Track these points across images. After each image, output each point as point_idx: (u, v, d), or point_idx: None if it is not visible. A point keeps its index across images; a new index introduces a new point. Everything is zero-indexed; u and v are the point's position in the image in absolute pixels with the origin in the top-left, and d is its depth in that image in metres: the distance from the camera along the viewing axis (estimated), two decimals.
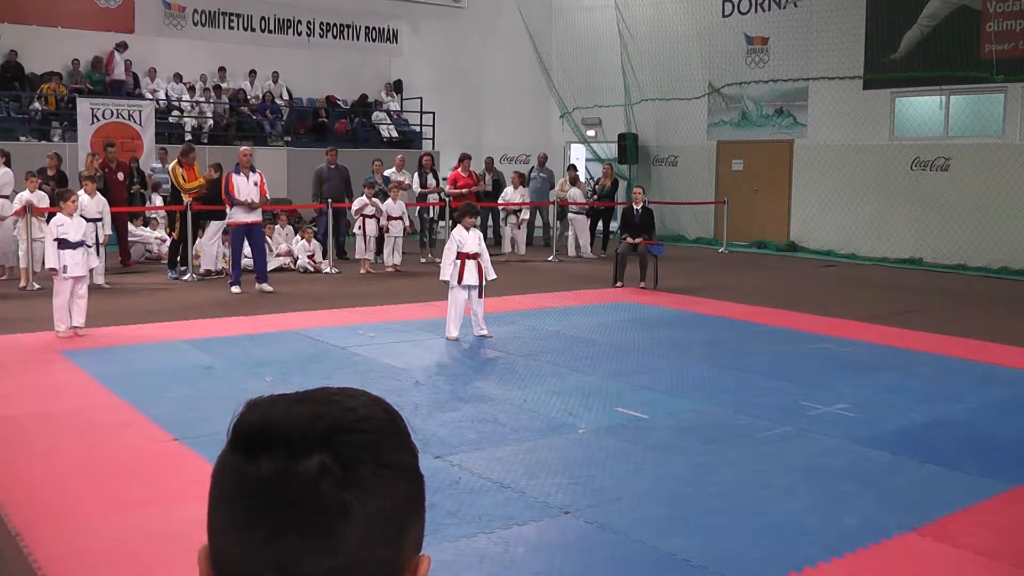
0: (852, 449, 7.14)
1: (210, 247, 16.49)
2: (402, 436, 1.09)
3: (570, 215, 21.62)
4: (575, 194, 21.59)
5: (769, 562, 5.12)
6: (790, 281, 17.17)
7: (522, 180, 21.96)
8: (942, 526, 5.66)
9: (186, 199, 15.84)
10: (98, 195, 14.72)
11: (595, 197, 22.07)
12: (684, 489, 6.26)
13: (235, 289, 14.59)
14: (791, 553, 5.23)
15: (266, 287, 14.76)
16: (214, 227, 16.34)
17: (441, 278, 11.46)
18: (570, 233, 21.44)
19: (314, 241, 18.15)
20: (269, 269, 17.29)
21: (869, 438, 7.40)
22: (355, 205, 17.84)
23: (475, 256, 11.18)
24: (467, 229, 11.25)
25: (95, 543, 5.28)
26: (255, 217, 14.82)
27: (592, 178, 23.91)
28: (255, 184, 14.78)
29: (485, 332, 11.33)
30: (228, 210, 14.78)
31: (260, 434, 1.03)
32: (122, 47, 23.27)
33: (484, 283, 11.27)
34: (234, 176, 14.66)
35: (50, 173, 16.51)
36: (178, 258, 16.40)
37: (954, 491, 6.28)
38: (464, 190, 19.65)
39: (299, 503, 1.00)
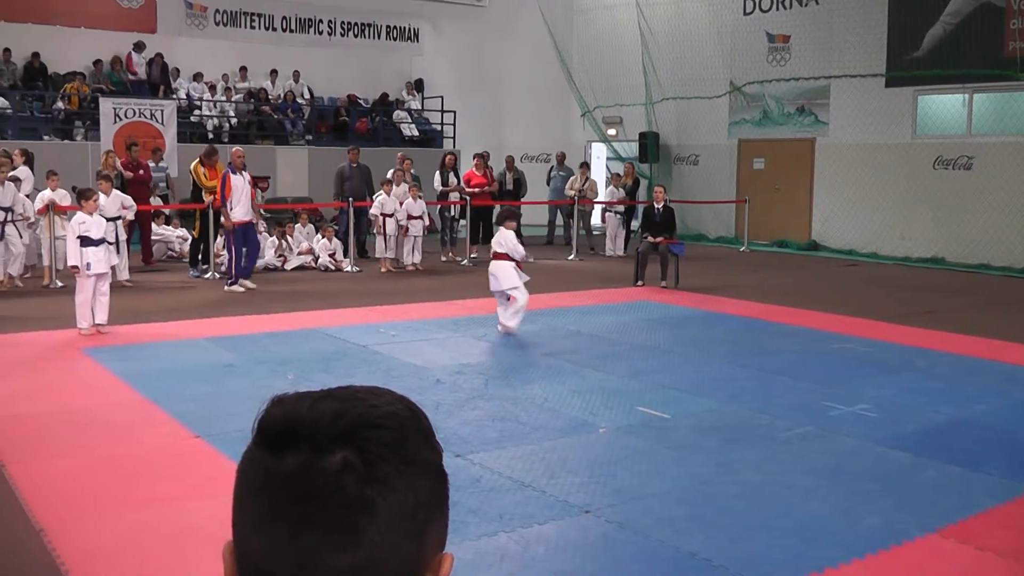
0: (874, 450, 7.11)
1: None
2: (426, 433, 1.10)
3: (607, 215, 21.75)
4: (611, 193, 21.62)
5: (790, 563, 5.11)
6: (811, 280, 17.11)
7: (617, 180, 21.96)
8: (965, 528, 5.63)
9: (207, 198, 15.92)
10: (115, 192, 14.79)
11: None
12: (705, 489, 6.25)
13: (236, 288, 14.65)
14: (812, 554, 5.21)
15: (248, 284, 14.84)
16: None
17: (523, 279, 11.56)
18: (607, 233, 21.53)
19: (335, 240, 18.20)
20: (291, 267, 17.46)
21: (891, 439, 7.36)
22: (374, 208, 17.81)
23: (505, 256, 11.28)
24: (510, 231, 11.52)
25: (118, 539, 5.31)
26: (250, 216, 15.09)
27: (612, 175, 23.84)
28: (249, 183, 15.06)
29: (511, 325, 11.33)
30: (226, 209, 14.75)
31: (285, 430, 1.04)
32: (140, 47, 23.40)
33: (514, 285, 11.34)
34: (233, 176, 14.78)
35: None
36: (199, 256, 16.49)
37: (977, 492, 6.24)
38: (476, 189, 19.68)
39: (322, 498, 1.01)
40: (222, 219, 14.94)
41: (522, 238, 12.27)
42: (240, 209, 14.79)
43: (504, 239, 11.44)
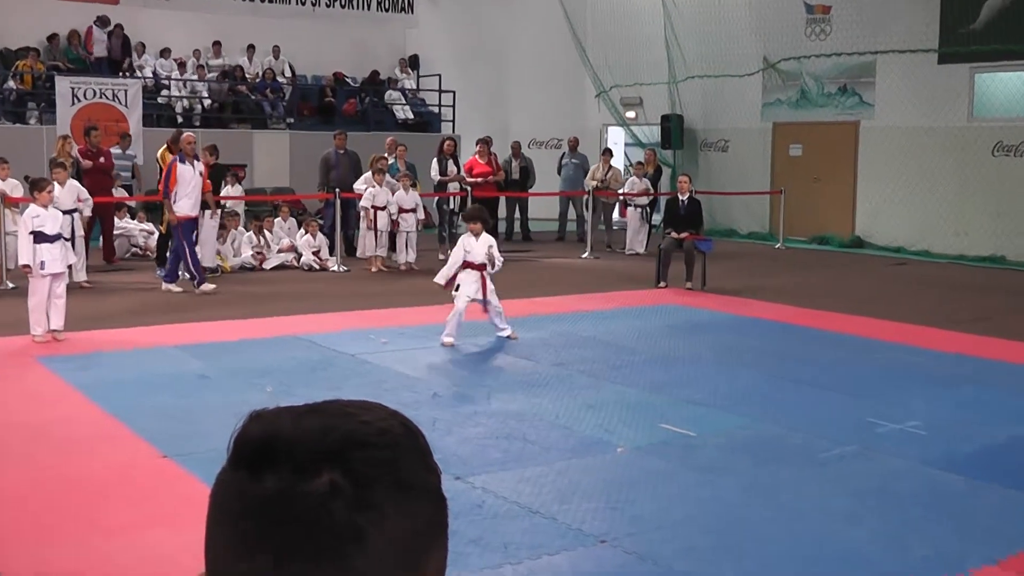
0: (924, 472, 7.11)
1: (207, 241, 16.53)
2: (423, 453, 1.10)
3: (627, 208, 21.76)
4: (632, 184, 21.56)
5: None
6: (855, 281, 17.09)
7: (639, 169, 21.96)
8: None
9: None
10: (71, 182, 14.76)
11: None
12: (734, 515, 6.26)
13: (175, 287, 14.65)
14: None
15: (173, 287, 14.79)
16: (211, 219, 16.43)
17: (436, 279, 11.55)
18: (628, 228, 21.51)
19: (320, 235, 18.21)
20: (270, 266, 17.47)
21: (944, 459, 7.36)
22: (363, 200, 17.78)
23: (481, 267, 11.23)
24: (476, 236, 11.33)
25: (76, 567, 5.31)
26: (198, 210, 15.15)
27: (631, 164, 23.85)
28: (200, 174, 15.05)
29: (508, 332, 11.38)
30: (171, 202, 14.70)
31: (264, 448, 1.04)
32: (104, 22, 23.42)
33: (490, 297, 11.29)
34: (180, 165, 14.80)
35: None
36: (168, 254, 16.49)
37: None
38: (479, 179, 19.65)
39: (306, 526, 1.00)
40: (166, 213, 14.97)
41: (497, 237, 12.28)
42: (187, 202, 14.76)
43: (491, 256, 11.33)
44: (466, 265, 11.27)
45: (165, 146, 16.87)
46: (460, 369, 10.26)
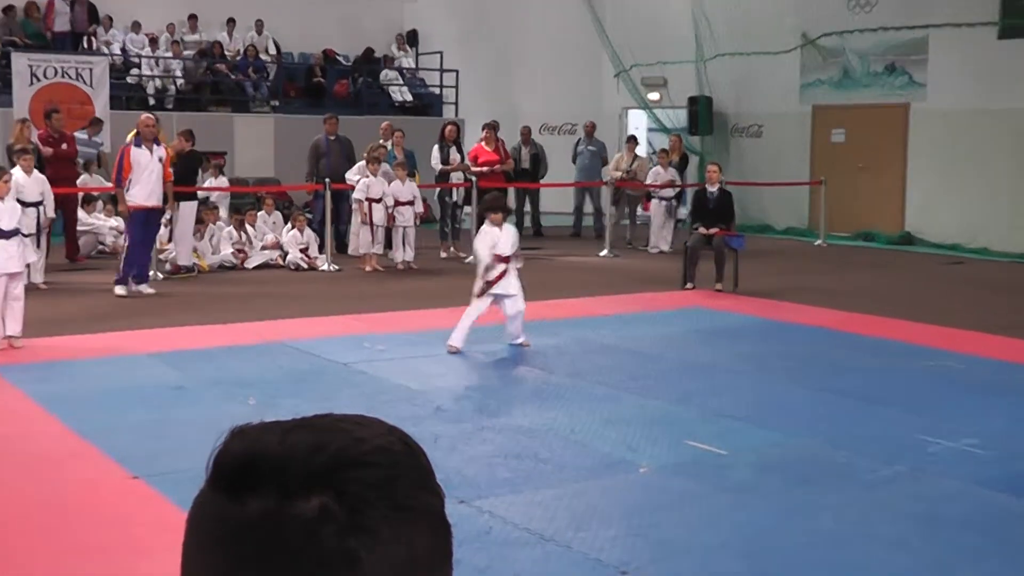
0: (979, 494, 7.11)
1: (184, 237, 16.52)
2: (424, 473, 1.10)
3: (651, 201, 21.71)
4: (655, 174, 21.51)
5: None
6: (904, 282, 17.07)
7: (664, 157, 21.95)
8: None
9: None
10: (36, 172, 14.78)
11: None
12: (768, 540, 6.27)
13: (120, 290, 14.53)
14: None
15: (145, 288, 14.74)
16: (188, 211, 16.42)
17: (475, 291, 11.37)
18: (652, 223, 21.48)
19: (308, 231, 18.21)
20: (253, 265, 17.46)
21: (1002, 481, 7.36)
22: (356, 192, 17.73)
23: (508, 260, 11.24)
24: (498, 226, 11.33)
25: None
26: (156, 201, 14.89)
27: (655, 152, 23.84)
28: (160, 160, 14.88)
29: (521, 340, 11.38)
30: (122, 191, 14.66)
31: (247, 468, 1.05)
32: None
33: (517, 292, 11.29)
34: (133, 150, 14.69)
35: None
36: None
37: None
38: (485, 168, 19.63)
39: (294, 553, 1.01)
40: (118, 204, 14.93)
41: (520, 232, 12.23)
42: (141, 191, 14.60)
43: (500, 238, 11.34)
44: (496, 259, 11.26)
45: (135, 131, 16.86)
46: (465, 380, 10.27)
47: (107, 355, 10.88)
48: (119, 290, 14.58)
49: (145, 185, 14.67)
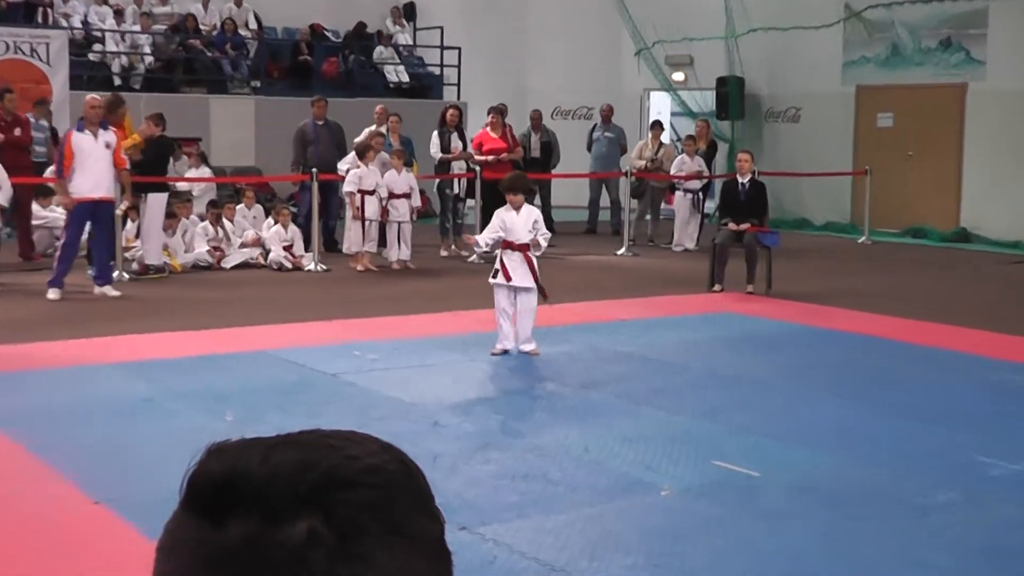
0: None
1: (152, 233, 16.50)
2: (422, 496, 1.10)
3: (676, 194, 21.74)
4: (681, 164, 21.47)
5: None
6: (960, 284, 17.07)
7: (691, 145, 21.93)
8: None
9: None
10: None
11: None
12: (805, 570, 6.27)
13: (53, 294, 14.38)
14: None
15: (109, 291, 14.66)
16: (156, 204, 16.37)
17: (476, 239, 11.67)
18: (676, 218, 21.47)
19: (292, 227, 18.21)
20: (231, 265, 17.46)
21: None
22: (347, 184, 17.69)
23: (524, 248, 11.24)
24: (516, 209, 11.34)
25: None
26: (105, 192, 14.70)
27: (679, 139, 23.86)
28: (107, 146, 14.68)
29: (530, 347, 11.38)
30: (63, 181, 14.57)
31: (226, 489, 1.04)
32: None
33: (539, 283, 11.31)
34: (75, 135, 14.52)
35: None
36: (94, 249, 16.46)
37: None
38: (490, 157, 19.61)
39: None
40: (58, 195, 14.89)
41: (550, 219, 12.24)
42: (86, 181, 14.41)
43: (537, 230, 11.38)
44: (505, 246, 11.28)
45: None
46: (466, 392, 10.27)
47: (65, 365, 10.85)
48: (52, 294, 14.37)
49: (90, 175, 14.43)
